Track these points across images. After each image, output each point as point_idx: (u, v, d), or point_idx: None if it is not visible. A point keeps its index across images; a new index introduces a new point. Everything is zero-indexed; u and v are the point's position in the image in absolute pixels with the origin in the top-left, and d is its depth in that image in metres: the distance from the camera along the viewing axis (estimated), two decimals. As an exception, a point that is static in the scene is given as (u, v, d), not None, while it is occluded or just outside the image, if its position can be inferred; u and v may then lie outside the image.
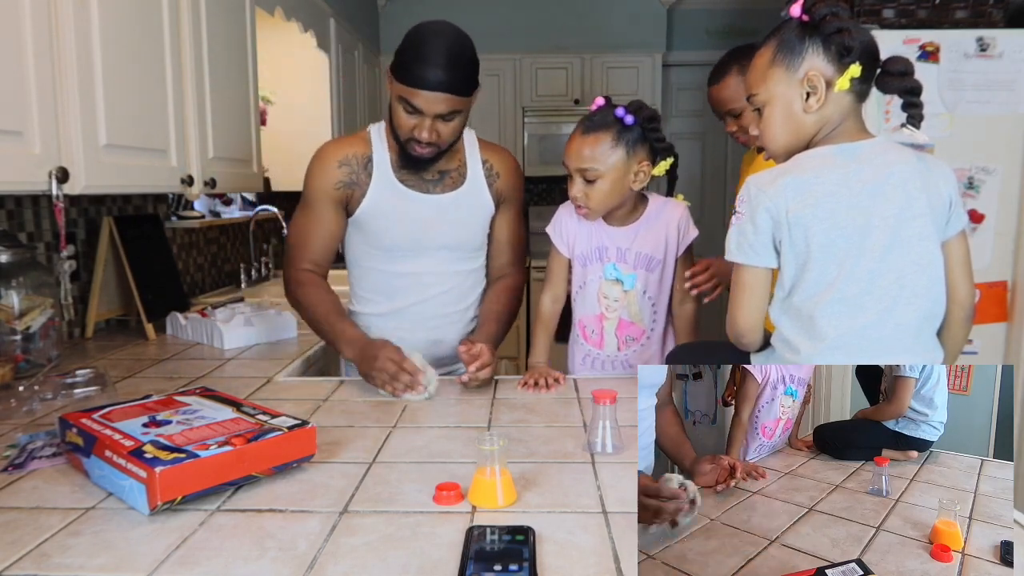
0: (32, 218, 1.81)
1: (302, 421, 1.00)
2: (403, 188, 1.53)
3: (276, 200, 3.21)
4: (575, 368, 1.68)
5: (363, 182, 1.52)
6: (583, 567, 0.75)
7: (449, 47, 1.38)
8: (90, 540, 0.81)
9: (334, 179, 1.51)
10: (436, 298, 1.60)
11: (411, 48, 1.39)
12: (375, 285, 1.61)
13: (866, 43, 1.13)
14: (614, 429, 1.08)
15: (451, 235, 1.57)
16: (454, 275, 1.61)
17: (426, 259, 1.57)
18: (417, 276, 1.58)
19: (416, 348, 1.55)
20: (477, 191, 1.58)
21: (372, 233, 1.55)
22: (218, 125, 2.01)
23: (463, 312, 1.64)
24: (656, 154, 1.46)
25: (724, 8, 4.56)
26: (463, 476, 0.95)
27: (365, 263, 1.61)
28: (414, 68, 1.38)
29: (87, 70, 1.43)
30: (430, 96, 1.38)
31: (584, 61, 4.40)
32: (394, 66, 1.43)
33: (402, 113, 1.43)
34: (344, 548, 0.79)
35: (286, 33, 2.91)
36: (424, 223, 1.54)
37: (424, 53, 1.37)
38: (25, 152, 1.27)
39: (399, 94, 1.42)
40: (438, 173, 1.55)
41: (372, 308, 1.63)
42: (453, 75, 1.38)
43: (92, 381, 1.39)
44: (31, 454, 1.05)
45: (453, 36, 1.40)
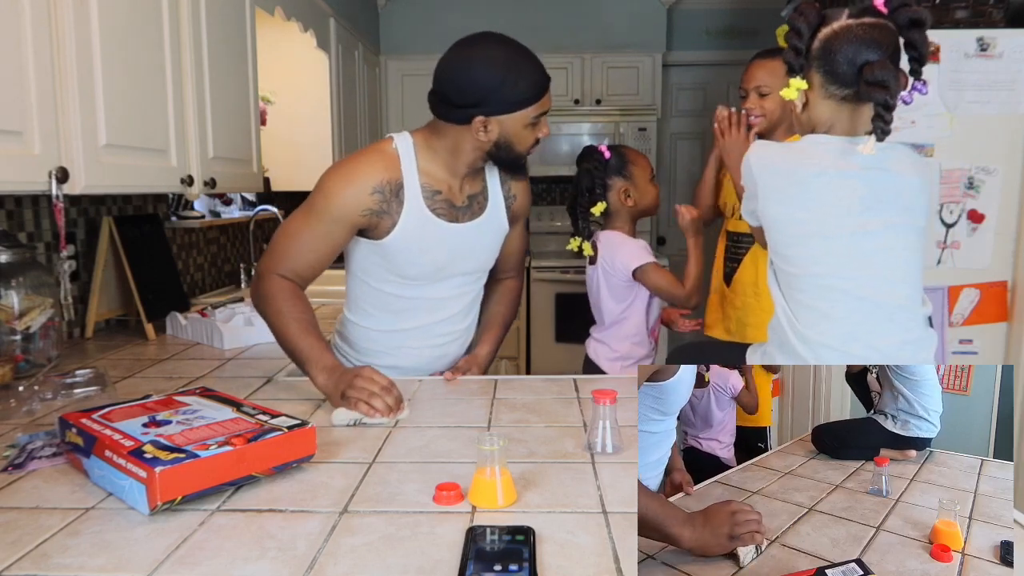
0: (32, 218, 1.81)
1: (302, 421, 1.00)
2: (435, 219, 1.44)
3: (276, 200, 3.20)
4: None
5: (394, 211, 1.42)
6: (583, 567, 0.75)
7: (519, 46, 1.37)
8: (90, 540, 0.81)
9: (363, 205, 1.39)
10: (446, 320, 1.57)
11: (504, 73, 1.33)
12: (384, 305, 1.53)
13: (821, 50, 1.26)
14: (614, 429, 1.07)
15: (472, 263, 1.55)
16: (464, 296, 1.58)
17: (442, 285, 1.53)
18: (429, 300, 1.53)
19: (419, 363, 1.56)
20: (497, 216, 1.55)
21: (396, 261, 1.46)
22: (218, 125, 2.01)
23: (467, 328, 1.63)
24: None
25: (724, 8, 4.56)
26: (463, 476, 0.95)
27: (376, 283, 1.51)
28: (530, 82, 1.35)
29: (87, 70, 1.43)
30: (549, 91, 1.40)
31: (584, 61, 4.40)
32: (497, 104, 1.35)
33: (528, 132, 1.39)
34: (344, 548, 0.79)
35: (286, 33, 2.91)
36: (449, 253, 1.49)
37: (520, 66, 1.34)
38: (25, 152, 1.27)
39: (529, 119, 1.37)
40: (467, 199, 1.50)
41: (374, 324, 1.56)
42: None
43: (92, 381, 1.39)
44: (31, 454, 1.05)
45: (507, 39, 1.39)
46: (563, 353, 3.89)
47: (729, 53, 4.44)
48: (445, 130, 1.41)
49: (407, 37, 4.38)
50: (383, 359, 1.53)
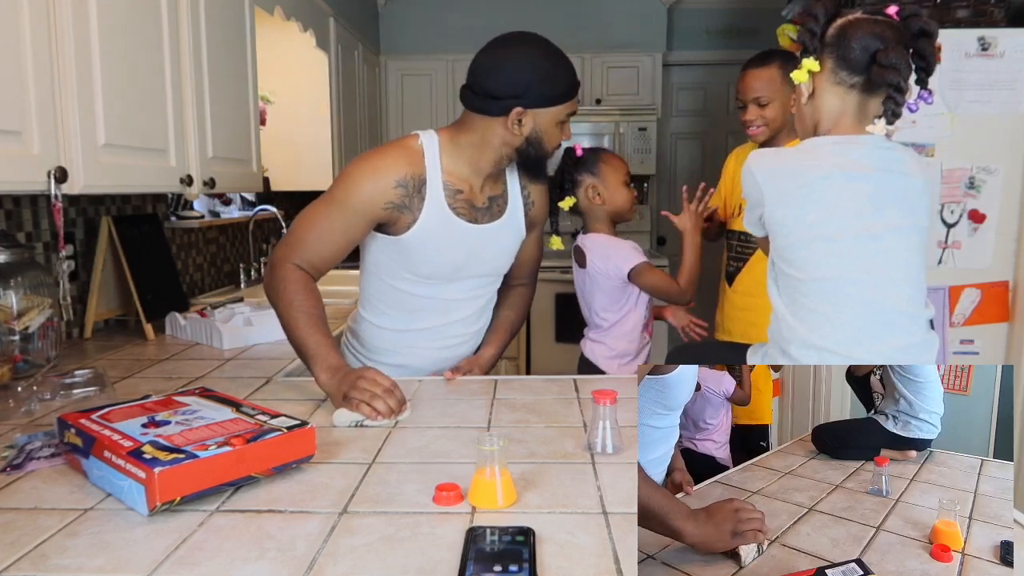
0: (31, 218, 1.81)
1: (301, 421, 1.00)
2: (455, 218, 1.45)
3: (276, 200, 3.20)
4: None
5: (415, 207, 1.42)
6: (583, 568, 0.75)
7: (554, 48, 1.40)
8: (89, 541, 0.81)
9: (386, 198, 1.40)
10: (458, 321, 1.57)
11: (550, 68, 1.37)
12: (399, 303, 1.54)
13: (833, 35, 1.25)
14: (614, 429, 1.07)
15: (488, 265, 1.55)
16: (478, 299, 1.58)
17: (457, 286, 1.53)
18: (444, 301, 1.54)
19: (427, 363, 1.57)
20: (515, 221, 1.55)
21: (413, 259, 1.47)
22: (217, 125, 2.01)
23: (478, 332, 1.63)
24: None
25: (724, 8, 4.56)
26: (463, 476, 0.95)
27: (391, 281, 1.52)
28: (564, 82, 1.38)
29: (86, 70, 1.42)
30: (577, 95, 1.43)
31: (584, 61, 4.40)
32: (535, 99, 1.37)
33: (557, 131, 1.42)
34: (343, 549, 0.79)
35: (286, 33, 2.91)
36: (468, 254, 1.49)
37: (563, 66, 1.39)
38: (24, 152, 1.27)
39: (561, 116, 1.41)
40: (488, 200, 1.50)
41: (387, 323, 1.56)
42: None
43: (91, 381, 1.39)
44: (29, 455, 1.05)
45: (543, 40, 1.42)
46: (563, 353, 3.88)
47: (729, 53, 4.44)
48: (475, 124, 1.42)
49: (407, 37, 4.38)
50: (392, 358, 1.55)
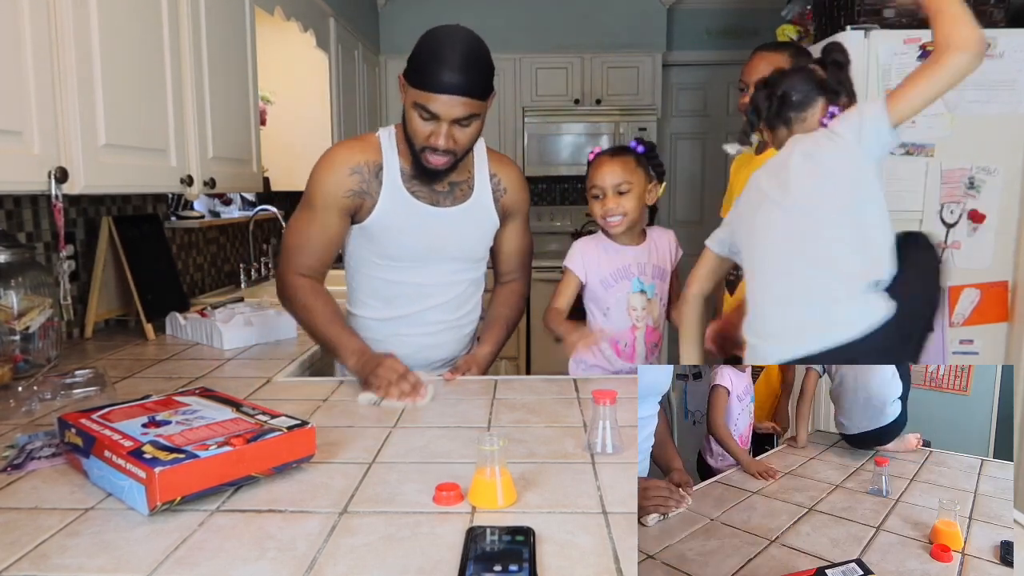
0: (31, 218, 1.81)
1: (301, 421, 1.00)
2: (414, 200, 1.50)
3: (276, 200, 3.21)
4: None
5: (374, 191, 1.49)
6: (583, 567, 0.75)
7: (465, 50, 1.36)
8: (89, 541, 0.81)
9: (345, 187, 1.47)
10: (436, 307, 1.60)
11: (426, 52, 1.37)
12: (376, 291, 1.60)
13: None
14: (614, 429, 1.07)
15: (457, 248, 1.57)
16: (455, 285, 1.61)
17: (430, 270, 1.56)
18: (420, 286, 1.57)
19: (413, 351, 1.57)
20: (484, 205, 1.57)
21: (380, 243, 1.53)
22: (217, 125, 2.01)
23: (461, 319, 1.65)
24: (658, 177, 1.68)
25: (724, 8, 4.55)
26: (463, 476, 0.95)
27: (367, 270, 1.58)
28: (431, 72, 1.35)
29: (86, 70, 1.42)
30: (447, 100, 1.36)
31: (584, 61, 4.40)
32: (408, 72, 1.40)
33: (418, 120, 1.40)
34: (343, 548, 0.79)
35: (286, 33, 2.91)
36: (432, 236, 1.53)
37: (440, 56, 1.35)
38: (24, 152, 1.27)
39: (415, 100, 1.39)
40: (448, 185, 1.53)
41: (371, 313, 1.62)
42: (470, 77, 1.36)
43: (91, 381, 1.39)
44: (30, 454, 1.05)
45: (468, 39, 1.38)
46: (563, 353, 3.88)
47: (729, 53, 4.44)
48: None
49: (407, 37, 4.34)
50: (380, 348, 1.55)
